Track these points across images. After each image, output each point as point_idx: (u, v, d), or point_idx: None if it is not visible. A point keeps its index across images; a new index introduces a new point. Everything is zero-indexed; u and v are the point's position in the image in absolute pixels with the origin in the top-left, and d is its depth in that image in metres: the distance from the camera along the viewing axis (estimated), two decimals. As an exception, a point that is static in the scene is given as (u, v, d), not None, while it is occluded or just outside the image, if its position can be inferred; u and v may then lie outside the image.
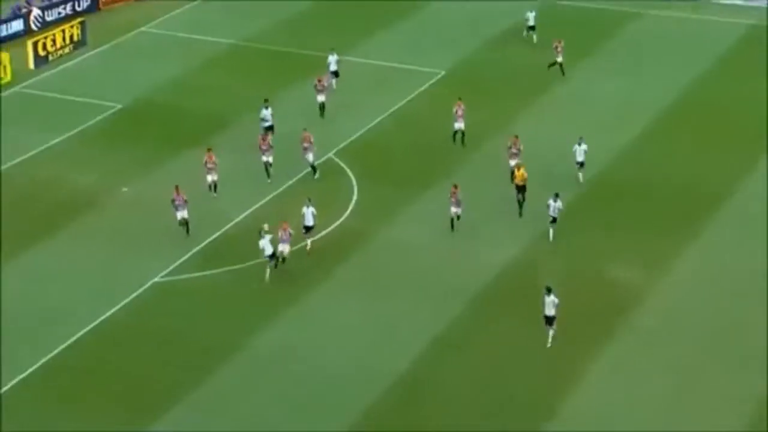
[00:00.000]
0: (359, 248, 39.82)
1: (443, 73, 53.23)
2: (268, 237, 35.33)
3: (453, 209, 40.60)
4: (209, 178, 42.27)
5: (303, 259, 39.11)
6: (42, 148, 46.14)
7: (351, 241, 40.19)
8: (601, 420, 32.14)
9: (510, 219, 41.23)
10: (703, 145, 46.78)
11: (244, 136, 47.19)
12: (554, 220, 40.00)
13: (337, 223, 41.44)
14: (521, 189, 41.49)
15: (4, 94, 50.53)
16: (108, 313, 36.35)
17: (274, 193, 42.89)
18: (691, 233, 40.53)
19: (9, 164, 44.71)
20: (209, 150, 42.45)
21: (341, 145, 46.68)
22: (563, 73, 52.15)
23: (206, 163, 42.26)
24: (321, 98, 48.00)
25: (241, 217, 41.52)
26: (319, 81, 48.08)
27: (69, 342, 35.06)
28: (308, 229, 39.26)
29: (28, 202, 42.57)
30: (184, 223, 39.52)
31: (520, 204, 41.42)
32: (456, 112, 46.07)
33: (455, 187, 40.60)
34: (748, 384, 33.28)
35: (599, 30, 57.76)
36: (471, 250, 39.70)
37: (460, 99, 46.31)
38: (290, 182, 43.94)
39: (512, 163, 43.25)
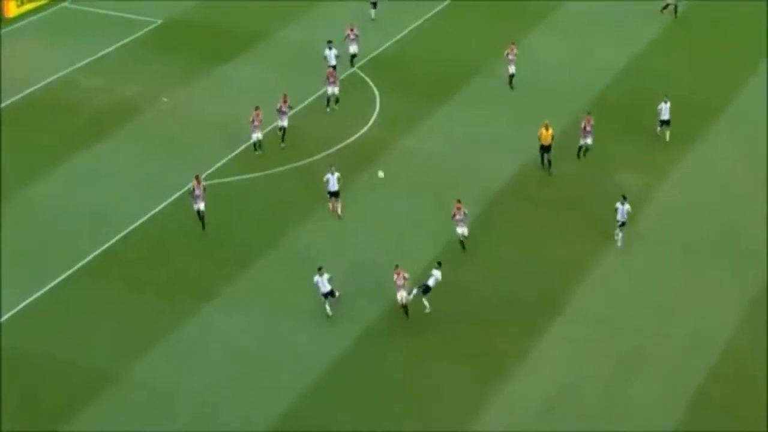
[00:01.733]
0: (381, 154, 40.90)
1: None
2: (325, 276, 33.33)
3: (459, 230, 35.23)
4: (254, 136, 40.13)
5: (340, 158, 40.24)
6: (89, 59, 47.08)
7: (374, 149, 41.29)
8: (607, 315, 33.24)
9: (527, 130, 41.73)
10: (702, 59, 47.46)
11: (278, 51, 48.13)
12: (623, 224, 35.38)
13: (361, 132, 42.59)
14: (547, 149, 38.79)
15: (54, 8, 51.43)
16: (153, 211, 37.60)
17: (304, 104, 43.87)
18: (688, 141, 41.50)
19: (60, 74, 45.75)
20: (257, 108, 40.21)
21: (365, 59, 47.57)
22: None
23: (253, 120, 39.94)
24: (353, 49, 46.14)
25: (270, 127, 42.49)
26: (351, 30, 46.18)
27: (121, 234, 36.35)
28: (333, 194, 37.23)
29: (77, 109, 43.64)
30: (201, 216, 36.34)
31: (550, 164, 38.83)
32: (507, 55, 44.43)
33: (459, 202, 35.46)
34: (747, 275, 34.37)
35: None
36: (490, 158, 40.61)
37: (513, 43, 44.93)
38: (315, 95, 44.69)
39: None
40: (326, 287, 32.98)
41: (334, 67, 43.89)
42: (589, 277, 34.72)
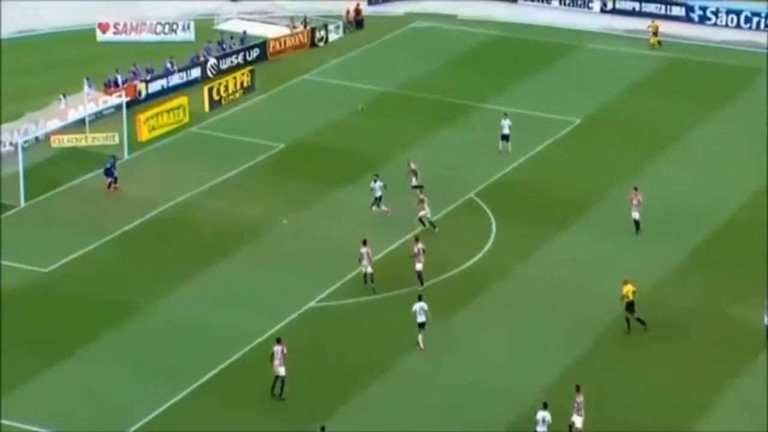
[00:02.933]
0: (496, 282, 40.09)
1: (578, 121, 53.45)
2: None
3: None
4: (364, 268, 39.14)
5: (444, 290, 39.58)
6: (214, 182, 47.65)
7: (488, 276, 40.53)
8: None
9: (642, 252, 40.61)
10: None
11: (392, 175, 48.09)
12: None
13: (475, 258, 41.79)
14: (630, 307, 36.48)
15: (182, 133, 52.43)
16: (269, 333, 37.34)
17: (418, 230, 43.40)
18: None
19: (186, 195, 46.28)
20: (364, 243, 39.19)
21: (481, 186, 47.13)
22: None
23: (361, 259, 38.85)
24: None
25: (390, 249, 42.14)
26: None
27: (237, 356, 36.17)
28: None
29: (200, 229, 44.04)
30: (281, 383, 33.78)
31: (628, 321, 36.66)
32: (631, 201, 42.80)
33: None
34: None
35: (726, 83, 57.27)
36: (604, 285, 39.58)
37: (636, 188, 43.10)
38: (433, 219, 44.39)
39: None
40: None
41: (379, 199, 43.96)
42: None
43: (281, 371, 33.90)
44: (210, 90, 54.74)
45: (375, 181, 44.50)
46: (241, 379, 35.18)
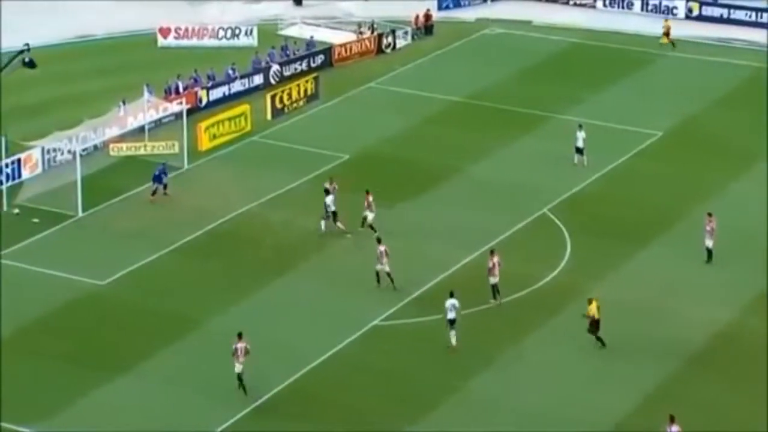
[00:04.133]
0: (572, 301, 39.69)
1: (660, 134, 52.81)
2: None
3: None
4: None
5: (516, 310, 39.30)
6: (275, 193, 47.76)
7: (563, 295, 40.11)
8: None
9: (723, 276, 40.02)
10: None
11: (461, 188, 47.97)
12: None
13: (550, 276, 41.41)
14: (594, 324, 36.46)
15: (243, 142, 52.73)
16: (330, 352, 37.30)
17: (486, 247, 43.10)
18: None
19: (247, 206, 46.48)
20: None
21: (556, 201, 46.74)
22: None
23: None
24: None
25: (457, 267, 41.92)
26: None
27: (296, 376, 36.11)
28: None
29: (261, 242, 44.12)
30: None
31: (601, 340, 36.60)
32: (706, 227, 41.78)
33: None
34: None
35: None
36: (685, 309, 38.92)
37: (710, 214, 42.08)
38: (504, 235, 44.16)
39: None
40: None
41: (334, 214, 43.79)
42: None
43: (239, 368, 34.49)
44: (273, 97, 54.99)
45: (328, 194, 43.80)
46: (301, 401, 35.06)
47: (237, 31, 63.66)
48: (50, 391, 35.22)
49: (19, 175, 47.57)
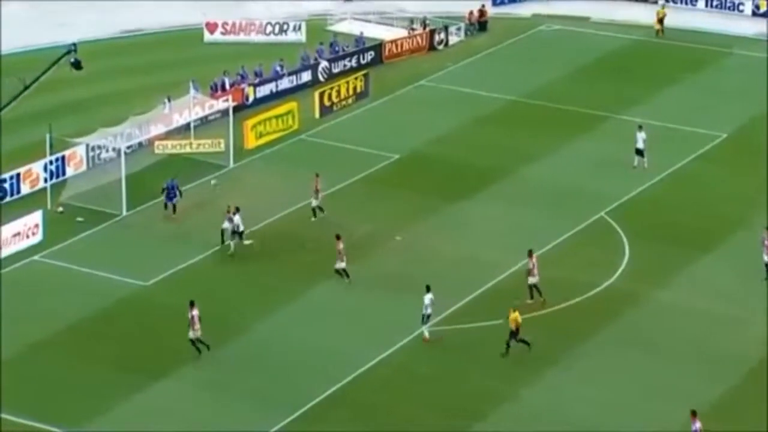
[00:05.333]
0: (630, 307, 39.59)
1: (725, 135, 52.55)
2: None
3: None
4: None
5: (571, 317, 39.32)
6: (323, 194, 47.89)
7: (621, 301, 40.05)
8: None
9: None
10: None
11: (513, 190, 48.00)
12: None
13: (608, 282, 41.38)
14: (513, 334, 36.71)
15: (291, 141, 53.10)
16: (378, 358, 37.47)
17: (541, 251, 43.12)
18: None
19: (294, 207, 46.75)
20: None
21: (613, 205, 46.65)
22: None
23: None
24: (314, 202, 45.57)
25: (508, 272, 41.93)
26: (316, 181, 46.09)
27: (341, 383, 36.32)
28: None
29: (307, 242, 44.20)
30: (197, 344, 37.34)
31: (507, 346, 36.71)
32: (764, 242, 41.02)
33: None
34: None
35: None
36: (742, 322, 38.78)
37: None
38: (559, 240, 44.18)
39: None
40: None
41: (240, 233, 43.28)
42: None
43: (192, 335, 36.83)
44: (321, 95, 55.27)
45: (235, 214, 43.08)
46: (348, 407, 35.25)
47: (285, 27, 64.10)
48: (92, 393, 35.65)
49: (64, 173, 48.33)
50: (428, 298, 37.93)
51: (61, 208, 46.39)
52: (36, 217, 43.79)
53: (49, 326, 38.77)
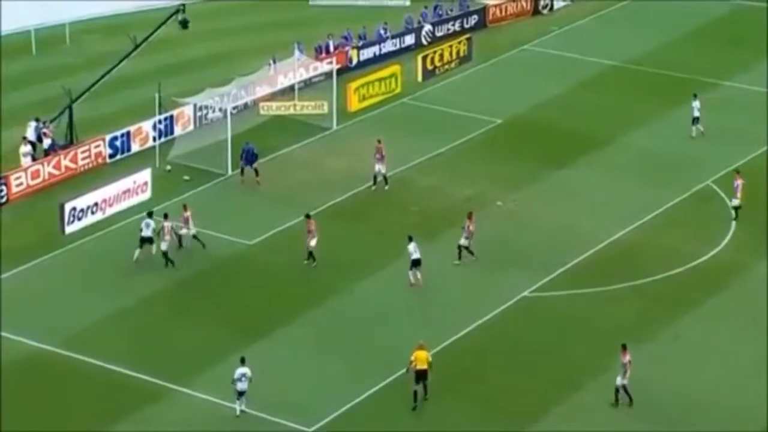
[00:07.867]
0: (734, 280, 38.44)
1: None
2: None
3: None
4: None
5: (672, 288, 38.26)
6: (424, 158, 47.45)
7: (725, 273, 38.91)
8: None
9: None
10: None
11: (616, 158, 46.83)
12: None
13: (712, 253, 40.18)
14: (421, 376, 32.92)
15: (393, 104, 52.52)
16: (477, 323, 36.91)
17: (644, 220, 42.00)
18: None
19: (395, 171, 46.29)
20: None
21: (720, 173, 45.22)
22: None
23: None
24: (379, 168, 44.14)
25: (610, 240, 41.03)
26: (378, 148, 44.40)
27: (441, 345, 35.88)
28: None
29: (409, 207, 43.85)
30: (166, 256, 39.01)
31: (415, 397, 33.01)
32: None
33: None
34: None
35: None
36: None
37: None
38: (663, 208, 43.02)
39: None
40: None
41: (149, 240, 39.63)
42: None
43: (164, 246, 38.69)
44: (424, 59, 54.52)
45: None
46: (445, 371, 34.47)
47: (390, -10, 63.43)
48: (196, 351, 35.70)
49: (172, 132, 48.47)
50: (412, 245, 38.17)
51: (168, 167, 46.52)
52: (145, 174, 43.96)
53: (158, 282, 38.90)
